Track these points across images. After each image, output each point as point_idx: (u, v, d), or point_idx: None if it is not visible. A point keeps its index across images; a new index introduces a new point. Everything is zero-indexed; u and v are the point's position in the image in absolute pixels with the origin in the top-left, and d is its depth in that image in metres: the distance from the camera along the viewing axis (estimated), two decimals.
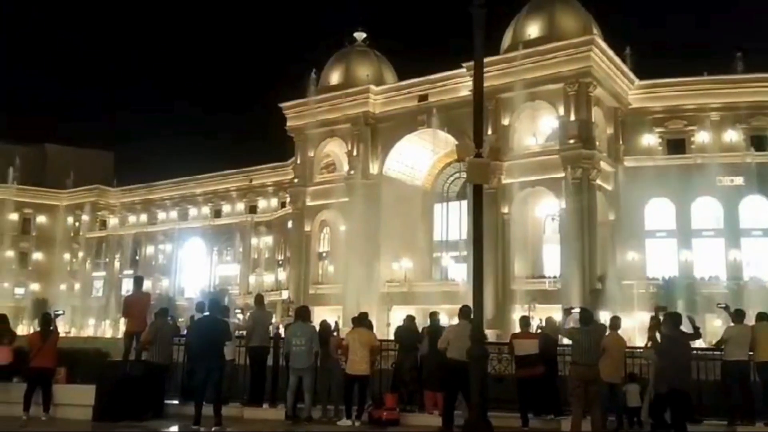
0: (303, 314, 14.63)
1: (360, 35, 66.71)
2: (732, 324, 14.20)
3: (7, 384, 14.36)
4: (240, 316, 54.22)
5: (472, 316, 13.53)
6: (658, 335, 13.28)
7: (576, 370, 12.57)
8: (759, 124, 53.62)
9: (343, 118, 61.39)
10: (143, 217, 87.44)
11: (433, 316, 15.89)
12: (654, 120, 55.73)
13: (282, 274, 71.13)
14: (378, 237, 58.85)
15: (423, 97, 58.75)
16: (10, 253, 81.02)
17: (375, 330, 15.78)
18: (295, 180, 64.66)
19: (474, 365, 11.79)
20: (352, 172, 60.66)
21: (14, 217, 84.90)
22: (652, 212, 54.00)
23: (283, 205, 73.08)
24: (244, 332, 15.55)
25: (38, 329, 14.57)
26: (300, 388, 13.94)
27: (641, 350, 14.91)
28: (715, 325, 33.86)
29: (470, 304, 12.69)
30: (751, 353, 13.84)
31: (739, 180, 51.13)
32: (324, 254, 65.52)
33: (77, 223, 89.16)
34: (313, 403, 14.13)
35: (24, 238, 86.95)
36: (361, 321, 14.70)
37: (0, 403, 14.04)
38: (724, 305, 15.61)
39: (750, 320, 14.60)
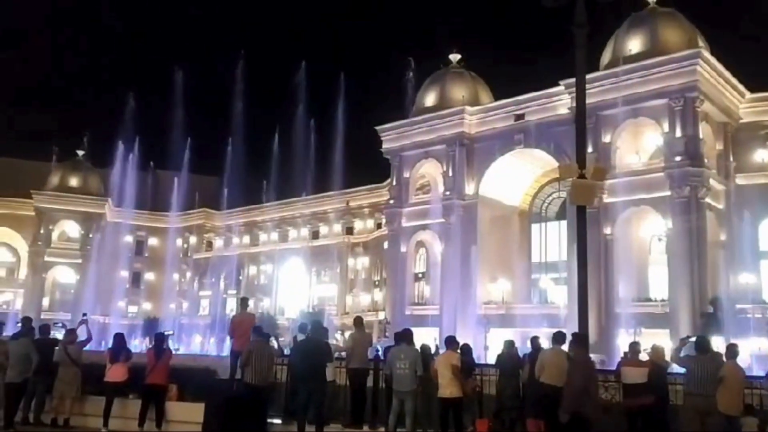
0: (407, 337, 14.53)
1: (455, 57, 66.89)
2: None
3: (124, 400, 15.15)
4: (338, 336, 54.97)
5: (566, 342, 13.44)
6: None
7: (692, 401, 11.89)
8: None
9: (438, 139, 61.53)
10: (246, 239, 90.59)
11: (535, 340, 15.55)
12: None
13: (378, 295, 71.69)
14: (475, 258, 58.31)
15: (519, 116, 58.01)
16: (124, 273, 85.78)
17: (474, 353, 15.58)
18: (391, 201, 65.21)
19: None
20: (447, 192, 60.58)
21: (129, 239, 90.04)
22: None
23: (379, 226, 73.84)
24: (344, 353, 15.73)
25: (152, 348, 15.32)
26: (402, 411, 13.90)
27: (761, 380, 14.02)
28: None
29: (572, 327, 12.36)
30: None
31: None
32: (420, 275, 65.57)
33: (185, 245, 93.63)
34: (414, 427, 14.06)
35: (137, 259, 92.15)
36: (449, 344, 14.54)
37: (117, 418, 14.83)
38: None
39: None
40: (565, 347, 13.41)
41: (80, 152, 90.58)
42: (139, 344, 50.03)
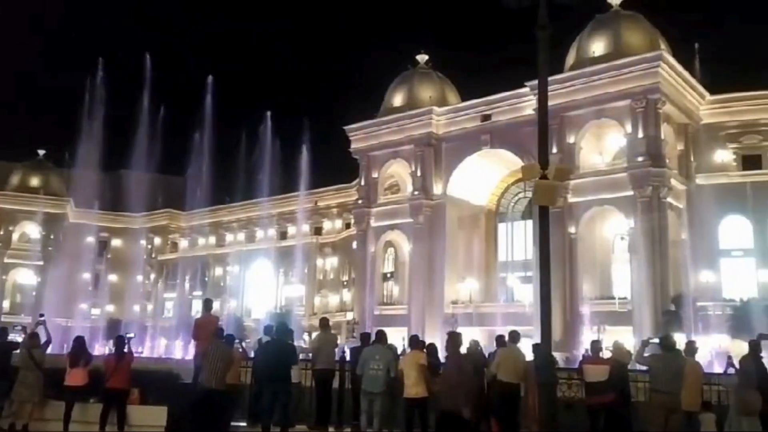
0: (382, 338, 14.45)
1: (422, 57, 67.17)
2: None
3: (84, 404, 14.86)
4: (306, 337, 54.71)
5: (520, 341, 14.48)
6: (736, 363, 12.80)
7: (658, 398, 12.07)
8: None
9: (406, 140, 61.70)
10: (212, 240, 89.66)
11: (500, 339, 15.68)
12: (727, 135, 53.75)
13: (347, 295, 71.56)
14: (442, 257, 58.66)
15: (486, 117, 58.49)
16: (86, 275, 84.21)
17: (440, 352, 15.61)
18: (359, 201, 65.22)
19: (543, 391, 11.53)
20: (415, 192, 60.79)
21: (91, 240, 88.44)
22: (727, 231, 51.98)
23: (347, 226, 73.71)
24: (310, 355, 15.66)
25: (113, 351, 15.07)
26: (371, 411, 13.81)
27: (718, 376, 14.36)
28: None
29: (538, 325, 12.50)
30: None
31: None
32: (389, 275, 65.68)
33: (150, 246, 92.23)
34: (382, 427, 14.04)
35: (100, 260, 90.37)
36: (414, 343, 14.56)
37: (77, 422, 14.54)
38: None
39: None
40: (522, 346, 13.62)
41: (41, 152, 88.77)
42: (100, 348, 49.14)
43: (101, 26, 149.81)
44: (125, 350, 14.73)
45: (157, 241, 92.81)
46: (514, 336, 14.32)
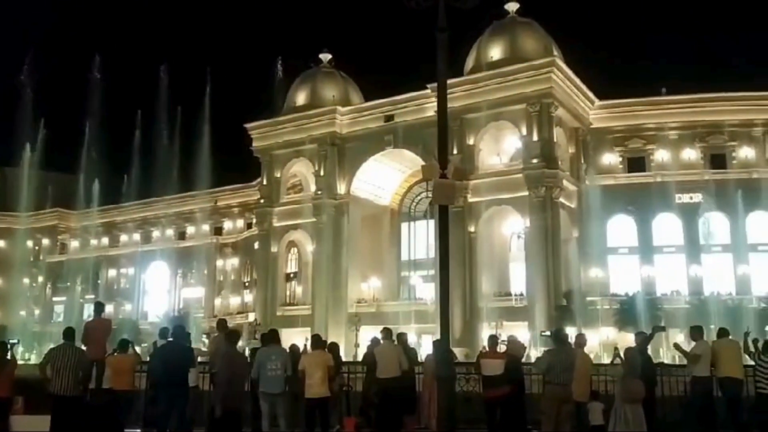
0: (275, 337, 14.30)
1: (325, 56, 66.90)
2: (694, 342, 14.46)
3: None
4: (205, 340, 53.31)
5: (394, 337, 15.10)
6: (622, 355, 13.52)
7: (551, 390, 12.60)
8: (716, 142, 55.07)
9: (309, 139, 61.34)
10: (105, 240, 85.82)
11: (401, 337, 15.86)
12: (614, 139, 56.89)
13: (248, 297, 70.33)
14: (346, 257, 58.75)
15: (389, 118, 59.05)
16: None
17: (343, 350, 15.64)
18: (262, 201, 64.27)
19: (442, 386, 11.74)
20: (319, 192, 60.54)
21: None
22: (614, 229, 54.91)
23: (249, 226, 72.42)
24: (207, 358, 15.26)
25: None
26: (274, 413, 13.57)
27: (606, 367, 15.12)
28: (677, 341, 34.30)
29: (438, 322, 12.72)
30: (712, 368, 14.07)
31: (697, 197, 52.34)
32: (292, 275, 65.08)
33: (37, 247, 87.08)
34: (288, 428, 13.84)
35: None
36: (317, 343, 14.55)
37: None
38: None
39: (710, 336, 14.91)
40: (425, 343, 13.79)
41: None
42: None
43: None
44: (8, 357, 13.83)
45: (45, 242, 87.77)
46: (386, 333, 14.72)
